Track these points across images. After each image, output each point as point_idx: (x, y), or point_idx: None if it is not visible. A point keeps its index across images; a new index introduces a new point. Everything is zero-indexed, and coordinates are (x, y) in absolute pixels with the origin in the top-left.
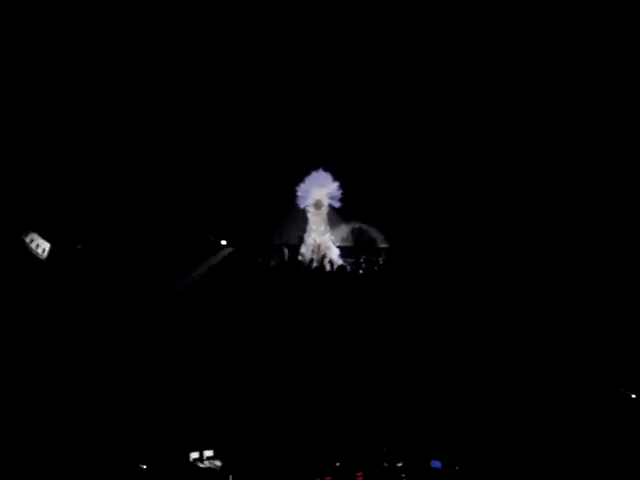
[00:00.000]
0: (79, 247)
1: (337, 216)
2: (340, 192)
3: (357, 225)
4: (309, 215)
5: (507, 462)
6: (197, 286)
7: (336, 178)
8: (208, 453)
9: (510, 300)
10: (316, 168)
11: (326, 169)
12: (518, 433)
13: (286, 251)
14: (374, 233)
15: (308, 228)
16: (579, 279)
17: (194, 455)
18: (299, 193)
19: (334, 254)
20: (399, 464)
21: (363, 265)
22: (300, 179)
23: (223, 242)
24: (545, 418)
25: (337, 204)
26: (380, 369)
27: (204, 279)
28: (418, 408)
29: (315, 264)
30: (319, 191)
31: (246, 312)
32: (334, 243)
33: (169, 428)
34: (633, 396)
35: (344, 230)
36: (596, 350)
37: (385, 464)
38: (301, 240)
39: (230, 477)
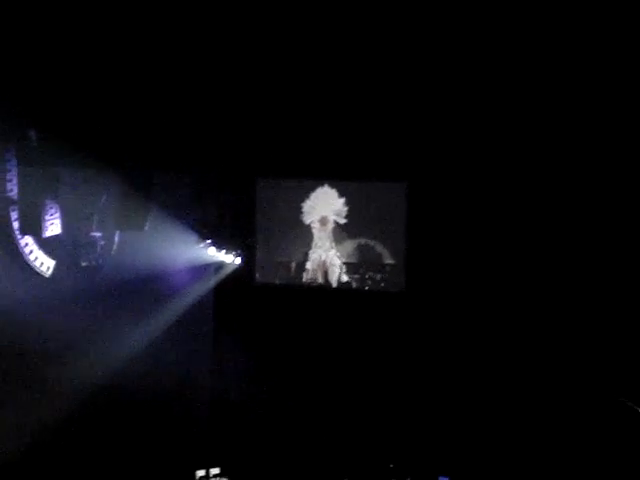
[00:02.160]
0: (84, 264)
1: (343, 232)
2: (346, 208)
3: (363, 241)
4: (314, 231)
5: (515, 477)
6: (201, 303)
7: (342, 194)
8: (214, 471)
9: (520, 313)
10: (321, 184)
11: (332, 185)
12: (527, 449)
13: (293, 266)
14: (380, 249)
15: (313, 244)
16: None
17: (200, 473)
18: (304, 209)
19: (340, 270)
20: None
21: (369, 282)
22: (305, 195)
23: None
24: (554, 434)
25: (343, 220)
26: (387, 385)
27: (208, 296)
28: (426, 424)
29: (320, 280)
30: (324, 207)
31: (250, 328)
32: (340, 259)
33: (175, 446)
34: None
35: (350, 246)
36: (602, 363)
37: None
38: (306, 256)
39: None
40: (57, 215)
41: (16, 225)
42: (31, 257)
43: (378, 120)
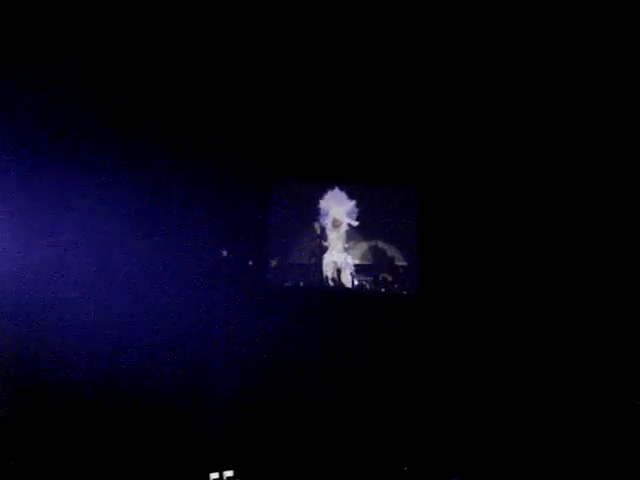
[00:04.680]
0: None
1: (355, 234)
2: (357, 210)
3: (375, 243)
4: (327, 233)
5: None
6: (214, 304)
7: (351, 197)
8: (228, 474)
9: (536, 315)
10: (332, 187)
11: (341, 188)
12: (542, 451)
13: (305, 268)
14: (392, 251)
15: (326, 246)
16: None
17: (214, 476)
18: (317, 212)
19: (353, 272)
20: None
21: (383, 284)
22: (318, 197)
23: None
24: (571, 438)
25: (355, 222)
26: (401, 387)
27: (220, 297)
28: (440, 426)
29: (333, 282)
30: (337, 209)
31: (264, 331)
32: (353, 261)
33: (188, 448)
34: None
35: (363, 248)
36: (621, 362)
37: None
38: (319, 258)
39: None
40: None
41: None
42: None
43: (388, 124)
